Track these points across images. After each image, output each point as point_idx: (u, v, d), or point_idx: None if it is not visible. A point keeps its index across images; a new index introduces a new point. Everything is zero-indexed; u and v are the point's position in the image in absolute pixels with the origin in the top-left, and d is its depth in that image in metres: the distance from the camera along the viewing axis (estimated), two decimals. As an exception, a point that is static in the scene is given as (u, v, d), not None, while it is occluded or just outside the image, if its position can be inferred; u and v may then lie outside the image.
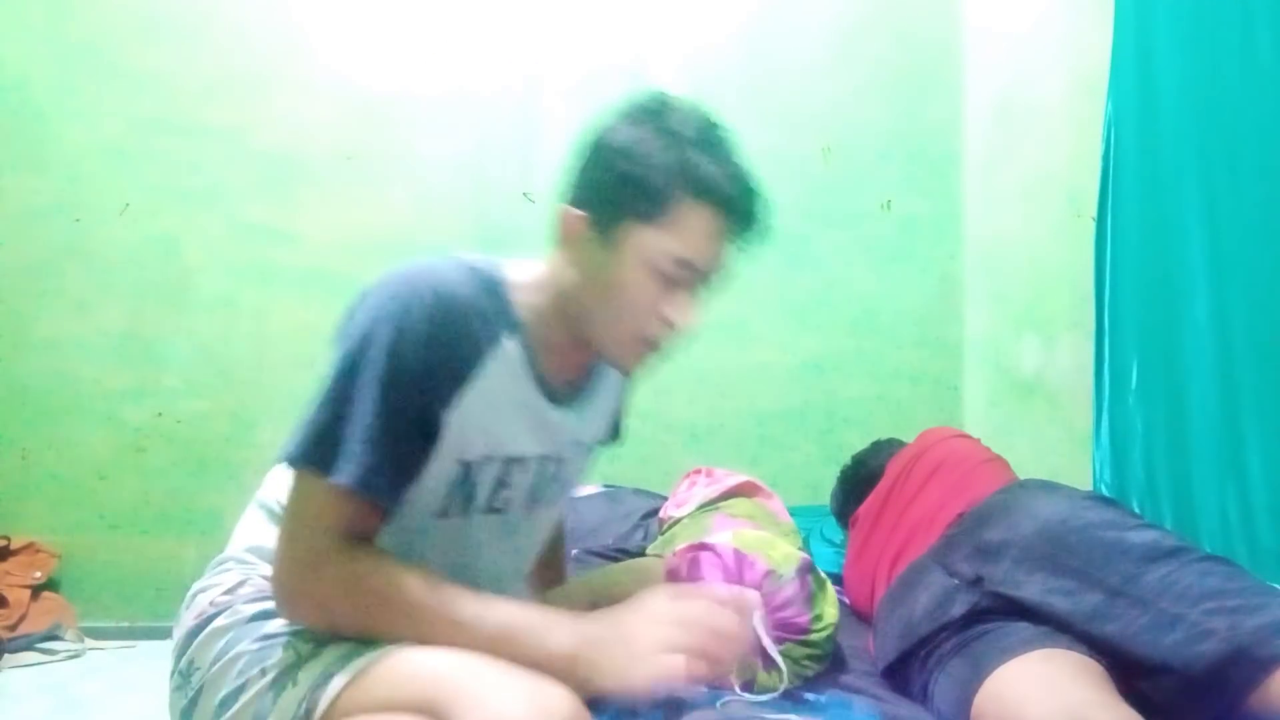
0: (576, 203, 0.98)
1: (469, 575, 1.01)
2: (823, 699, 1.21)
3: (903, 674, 1.29)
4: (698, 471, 1.83)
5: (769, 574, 1.28)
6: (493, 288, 0.99)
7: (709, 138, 0.97)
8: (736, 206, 0.97)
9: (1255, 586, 1.11)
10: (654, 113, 0.99)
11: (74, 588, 2.28)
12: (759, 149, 2.93)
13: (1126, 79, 1.84)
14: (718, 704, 1.14)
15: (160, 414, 2.36)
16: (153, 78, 2.41)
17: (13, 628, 2.06)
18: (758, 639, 1.21)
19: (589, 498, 2.10)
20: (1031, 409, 2.28)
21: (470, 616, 0.88)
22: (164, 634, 2.31)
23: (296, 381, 2.39)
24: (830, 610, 1.30)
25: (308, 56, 2.47)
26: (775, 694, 1.17)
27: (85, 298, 2.36)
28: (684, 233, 0.95)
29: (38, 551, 2.25)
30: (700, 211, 0.95)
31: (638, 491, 2.19)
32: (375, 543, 0.94)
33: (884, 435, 1.97)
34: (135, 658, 2.06)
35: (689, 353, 2.77)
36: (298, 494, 0.93)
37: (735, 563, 1.29)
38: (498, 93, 2.52)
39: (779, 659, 1.19)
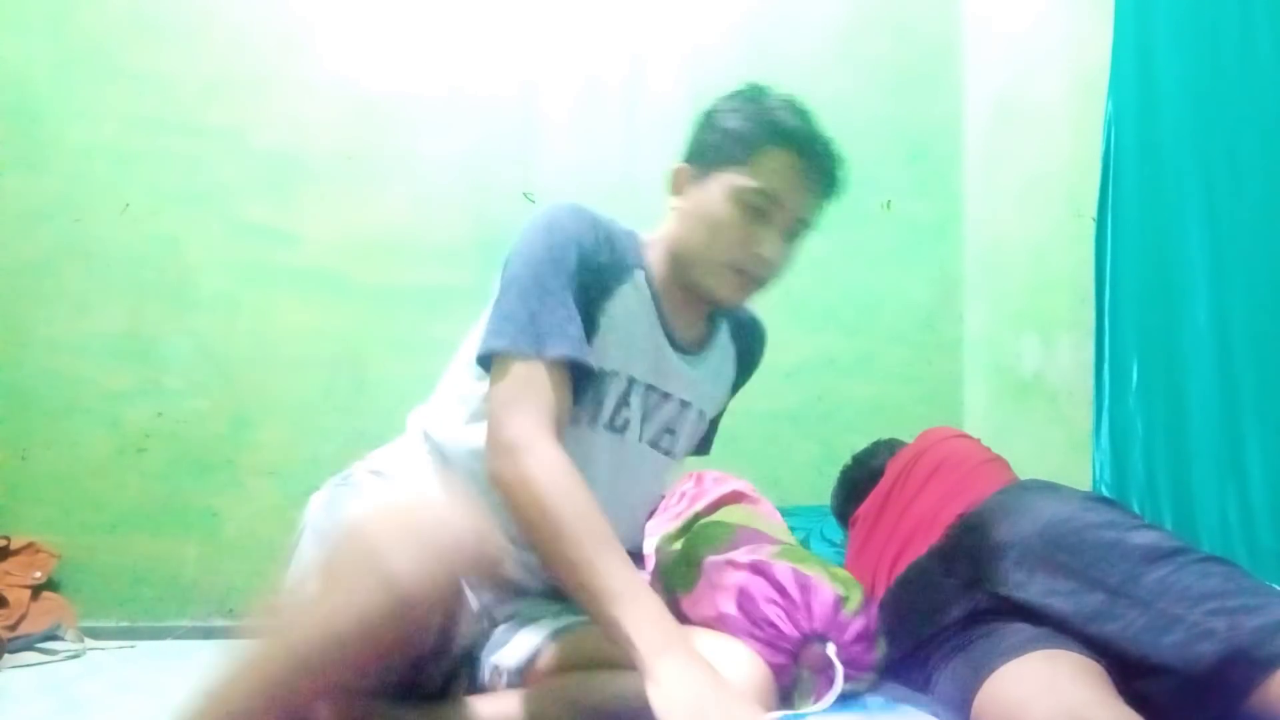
0: (685, 159, 1.20)
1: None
2: (872, 701, 1.21)
3: (903, 674, 1.29)
4: (688, 478, 1.82)
5: (839, 601, 1.24)
6: (626, 233, 1.19)
7: (791, 104, 1.17)
8: (810, 150, 1.14)
9: (1255, 587, 1.11)
10: (751, 89, 1.20)
11: (74, 588, 2.28)
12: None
13: (1126, 78, 1.84)
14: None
15: (160, 414, 2.36)
16: (153, 78, 2.41)
17: (13, 628, 2.06)
18: (831, 664, 1.18)
19: (589, 498, 2.09)
20: (1031, 409, 2.28)
21: (598, 561, 0.92)
22: (164, 634, 2.32)
23: (297, 381, 2.40)
24: (882, 639, 1.28)
25: (308, 56, 2.47)
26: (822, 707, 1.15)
27: (85, 298, 2.36)
28: (765, 171, 1.12)
29: (38, 551, 2.25)
30: (778, 154, 1.13)
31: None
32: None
33: (884, 435, 1.97)
34: (135, 658, 2.06)
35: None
36: (511, 380, 1.02)
37: (799, 589, 1.25)
38: (498, 93, 2.52)
39: (839, 688, 1.16)
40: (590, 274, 1.10)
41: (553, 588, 1.16)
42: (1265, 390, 1.48)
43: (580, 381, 1.08)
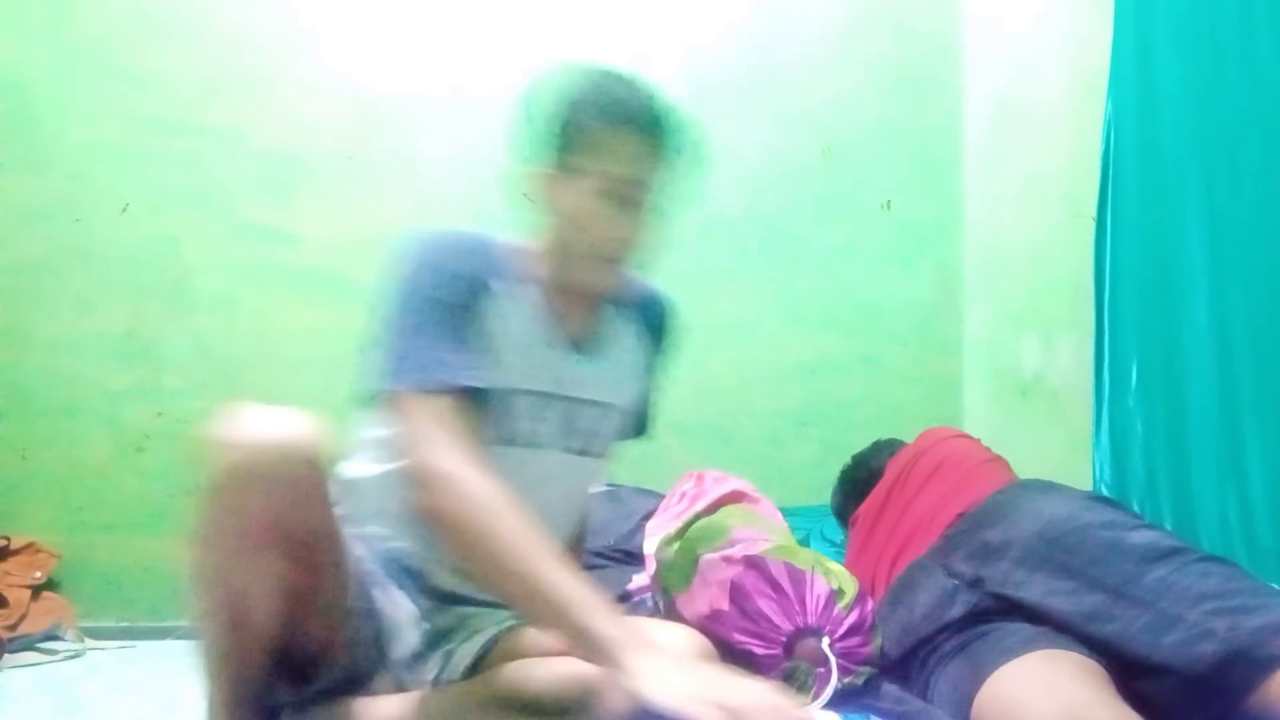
0: (531, 162, 1.16)
1: None
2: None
3: (903, 674, 1.29)
4: (688, 478, 1.82)
5: (833, 595, 1.25)
6: (503, 246, 1.18)
7: (623, 80, 1.14)
8: (654, 126, 1.12)
9: (1255, 587, 1.11)
10: (576, 75, 1.15)
11: (74, 588, 2.28)
12: (759, 149, 2.92)
13: (1126, 78, 1.84)
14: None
15: (160, 414, 2.36)
16: (153, 78, 2.41)
17: (13, 628, 2.06)
18: (825, 657, 1.19)
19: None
20: (1031, 409, 2.28)
21: (544, 576, 0.93)
22: (164, 634, 2.31)
23: (296, 381, 2.39)
24: (879, 632, 1.28)
25: (308, 56, 2.47)
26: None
27: (85, 298, 2.36)
28: (617, 156, 1.10)
29: (38, 551, 2.25)
30: (625, 136, 1.10)
31: (639, 491, 2.19)
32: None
33: (884, 435, 1.97)
34: (135, 658, 2.06)
35: (689, 353, 2.76)
36: (417, 417, 1.03)
37: (792, 583, 1.26)
38: (498, 93, 2.52)
39: (835, 682, 1.17)
40: (464, 297, 1.10)
41: (486, 597, 1.17)
42: (1265, 390, 1.48)
43: (481, 403, 1.08)
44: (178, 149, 2.41)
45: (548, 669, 1.01)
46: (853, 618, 1.24)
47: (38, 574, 2.20)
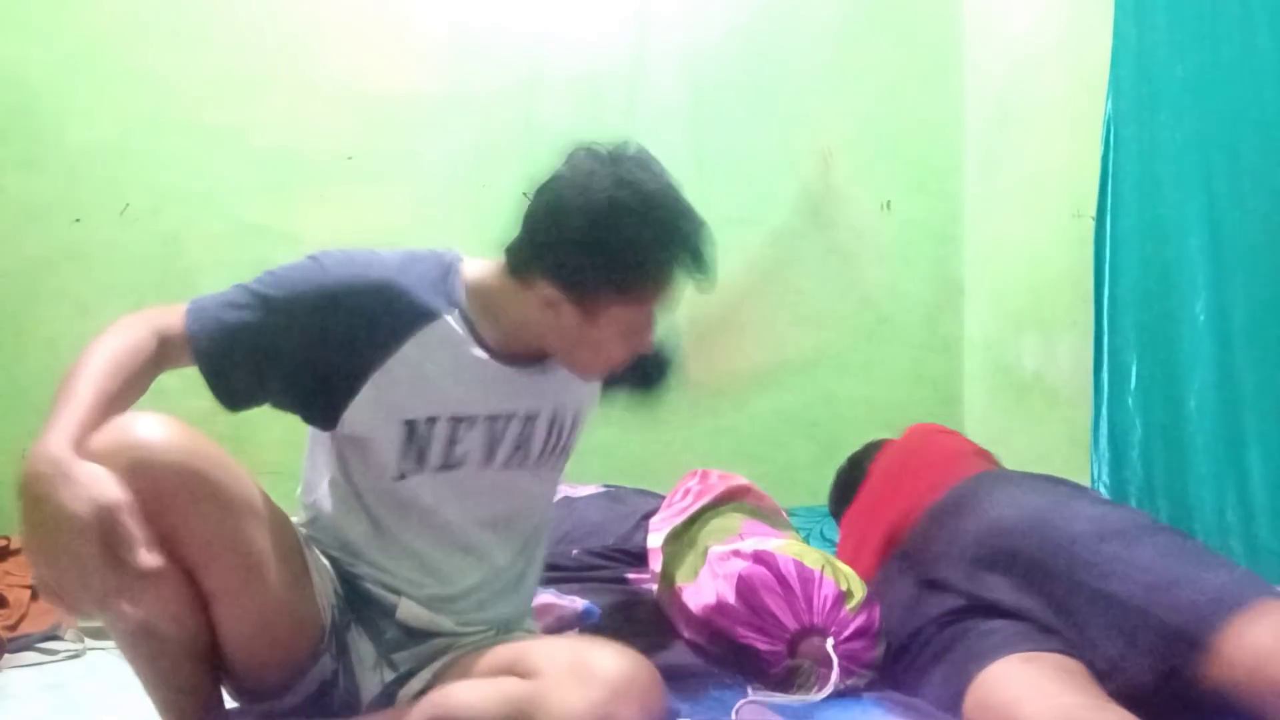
0: (549, 271, 1.03)
1: (446, 536, 1.11)
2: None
3: (890, 675, 1.29)
4: (692, 475, 1.82)
5: (841, 597, 1.24)
6: (441, 271, 1.10)
7: (668, 194, 1.02)
8: (700, 254, 1.04)
9: (1196, 559, 1.11)
10: (610, 175, 1.01)
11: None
12: (759, 149, 2.91)
13: (1126, 78, 1.84)
14: (734, 710, 1.14)
15: (160, 414, 2.36)
16: (153, 78, 2.40)
17: (13, 628, 2.06)
18: (829, 658, 1.18)
19: (590, 498, 2.10)
20: (1031, 409, 2.28)
21: (69, 379, 0.96)
22: (164, 634, 2.29)
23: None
24: (884, 638, 1.28)
25: (308, 56, 2.47)
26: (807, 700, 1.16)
27: (85, 298, 2.36)
28: (660, 293, 1.04)
29: (38, 551, 2.25)
30: (673, 270, 1.03)
31: (639, 491, 2.19)
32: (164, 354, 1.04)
33: (885, 435, 1.97)
34: (135, 658, 2.06)
35: (689, 352, 2.75)
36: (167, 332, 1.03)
37: (800, 582, 1.25)
38: (498, 93, 2.52)
39: (835, 680, 1.16)
40: (352, 329, 1.03)
41: (457, 628, 1.14)
42: (1263, 388, 1.48)
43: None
44: (178, 149, 2.41)
45: (482, 688, 0.98)
46: (859, 620, 1.24)
47: (38, 574, 2.20)
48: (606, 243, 1.00)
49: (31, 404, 2.38)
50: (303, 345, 1.02)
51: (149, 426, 0.92)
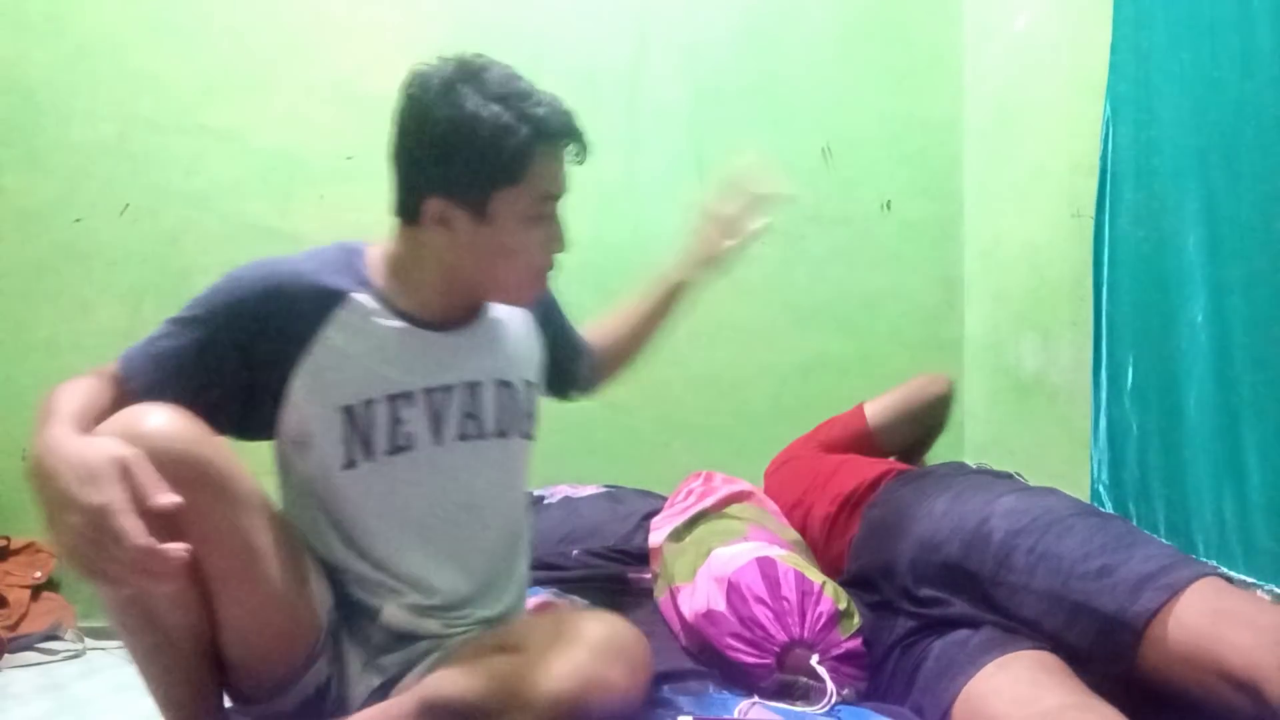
0: (428, 188, 1.06)
1: (409, 520, 1.10)
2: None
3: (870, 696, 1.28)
4: (696, 477, 1.82)
5: (836, 616, 1.21)
6: (345, 257, 1.13)
7: (522, 87, 1.07)
8: (569, 131, 1.08)
9: (1121, 542, 1.11)
10: (471, 81, 1.05)
11: (74, 588, 2.28)
12: (759, 149, 2.92)
13: (1125, 79, 1.84)
14: (735, 709, 1.13)
15: (160, 414, 2.36)
16: (153, 78, 2.41)
17: (13, 628, 2.06)
18: (814, 672, 1.17)
19: (590, 498, 2.10)
20: (1031, 409, 2.28)
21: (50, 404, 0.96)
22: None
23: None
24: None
25: (307, 57, 2.47)
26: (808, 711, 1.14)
27: (85, 298, 2.36)
28: (543, 176, 1.06)
29: (38, 551, 2.25)
30: (548, 151, 1.06)
31: (640, 492, 2.19)
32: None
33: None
34: (135, 658, 2.06)
35: (690, 353, 2.76)
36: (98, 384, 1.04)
37: (798, 593, 1.22)
38: (498, 93, 2.52)
39: (832, 693, 1.15)
40: (262, 344, 1.05)
41: (444, 630, 1.13)
42: (1261, 390, 1.47)
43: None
44: (178, 149, 2.41)
45: (469, 669, 0.98)
46: (852, 644, 1.21)
47: (38, 574, 2.20)
48: (467, 129, 1.03)
49: (31, 404, 2.37)
50: (228, 356, 1.04)
51: (157, 416, 0.93)
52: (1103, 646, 1.04)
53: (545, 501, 2.06)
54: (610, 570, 1.74)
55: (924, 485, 1.43)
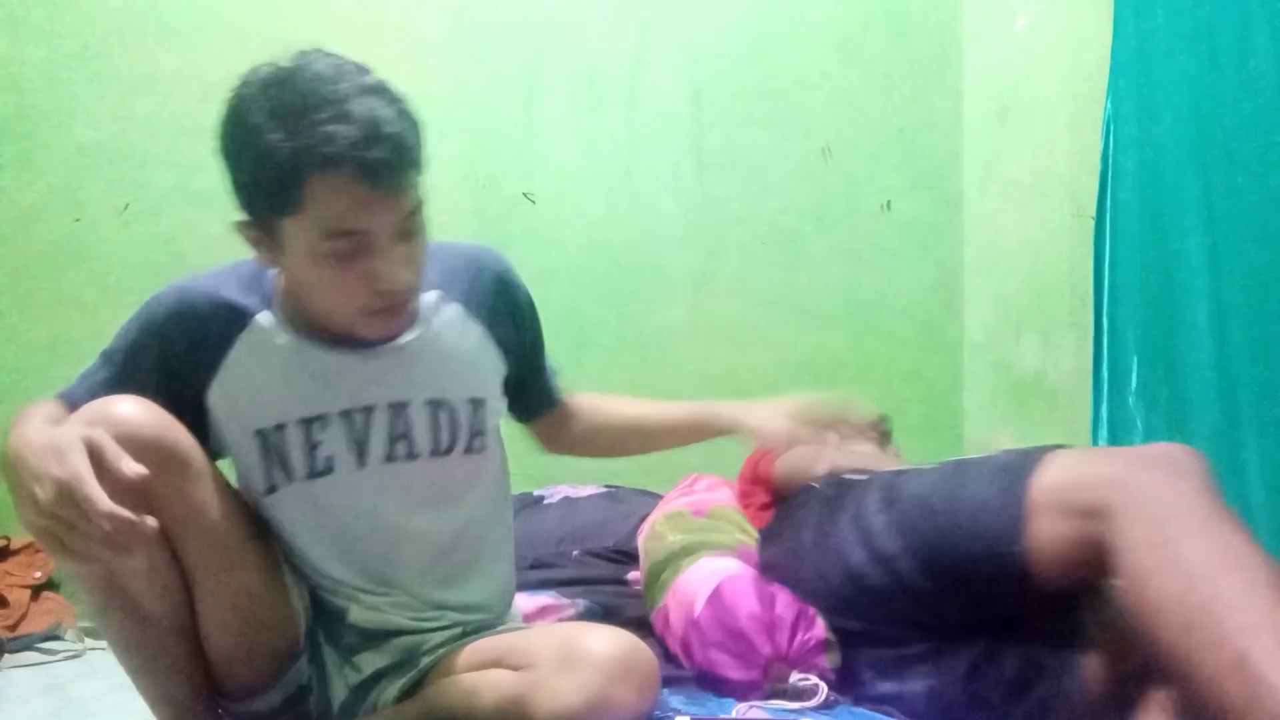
0: (240, 205, 0.98)
1: (342, 540, 1.07)
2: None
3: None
4: (685, 480, 1.82)
5: (825, 644, 1.20)
6: (254, 278, 1.07)
7: (320, 99, 0.89)
8: (359, 153, 0.87)
9: (954, 486, 1.12)
10: (270, 88, 0.94)
11: (74, 588, 2.28)
12: (759, 149, 2.90)
13: (1126, 78, 1.84)
14: (734, 710, 1.13)
15: (160, 414, 2.36)
16: (153, 78, 2.40)
17: (13, 628, 2.06)
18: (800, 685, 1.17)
19: (590, 498, 2.10)
20: (1031, 409, 2.28)
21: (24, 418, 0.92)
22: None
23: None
24: None
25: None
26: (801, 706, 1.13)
27: (85, 298, 2.36)
28: (328, 206, 0.89)
29: (38, 551, 2.25)
30: (330, 180, 0.88)
31: (639, 492, 2.19)
32: None
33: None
34: (135, 658, 2.06)
35: (690, 352, 2.76)
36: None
37: (794, 613, 1.20)
38: (498, 93, 2.52)
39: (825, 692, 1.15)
40: (181, 364, 1.03)
41: (416, 624, 1.11)
42: (1264, 390, 1.48)
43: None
44: (178, 149, 2.41)
45: (473, 685, 0.97)
46: (829, 675, 1.19)
47: (38, 574, 2.20)
48: (249, 149, 0.94)
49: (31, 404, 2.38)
50: (148, 383, 1.01)
51: (125, 405, 0.92)
52: (996, 583, 1.02)
53: (545, 501, 2.06)
54: (610, 571, 1.75)
55: (806, 510, 1.41)
